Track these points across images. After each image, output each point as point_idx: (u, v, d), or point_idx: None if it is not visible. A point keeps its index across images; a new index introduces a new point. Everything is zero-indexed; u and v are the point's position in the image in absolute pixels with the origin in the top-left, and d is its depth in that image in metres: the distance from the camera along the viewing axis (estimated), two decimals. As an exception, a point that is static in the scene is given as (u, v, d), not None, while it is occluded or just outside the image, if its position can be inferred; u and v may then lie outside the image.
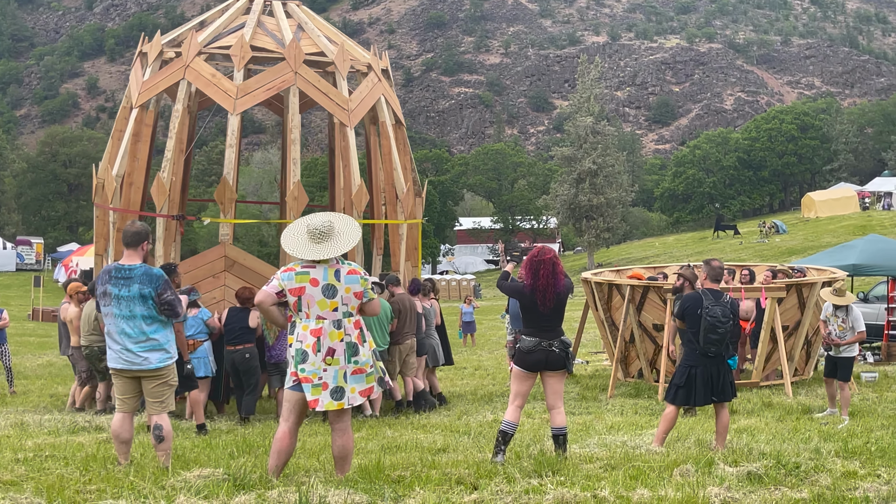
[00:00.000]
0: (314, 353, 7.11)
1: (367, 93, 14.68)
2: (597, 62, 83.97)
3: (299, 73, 13.81)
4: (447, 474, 7.60)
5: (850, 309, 12.63)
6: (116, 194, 14.07)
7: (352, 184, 14.13)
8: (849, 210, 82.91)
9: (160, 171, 13.64)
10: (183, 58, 13.90)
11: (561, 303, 8.56)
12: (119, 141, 14.69)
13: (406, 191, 14.97)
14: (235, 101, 13.60)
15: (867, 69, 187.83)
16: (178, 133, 13.91)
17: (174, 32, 15.07)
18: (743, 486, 7.21)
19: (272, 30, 14.58)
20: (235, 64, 13.87)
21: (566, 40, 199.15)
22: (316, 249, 7.22)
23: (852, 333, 12.52)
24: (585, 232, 79.23)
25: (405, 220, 15.02)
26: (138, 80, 14.43)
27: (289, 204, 13.47)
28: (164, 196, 13.49)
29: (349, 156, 14.23)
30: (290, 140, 14.00)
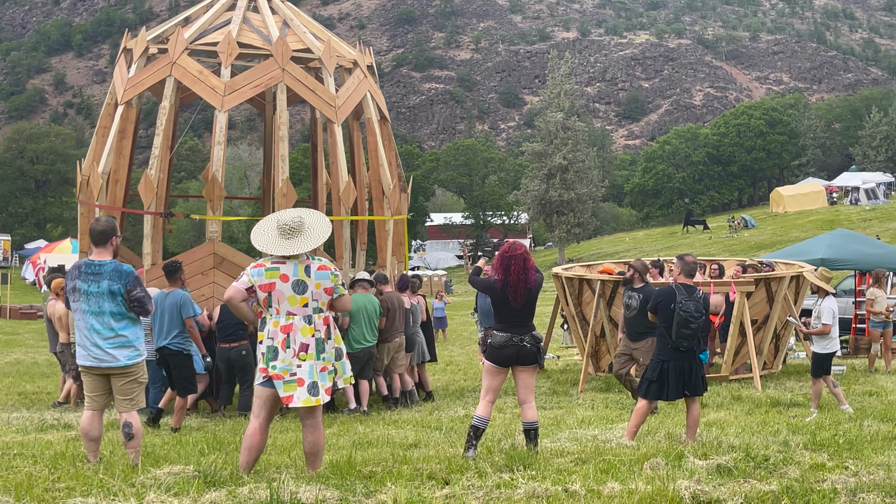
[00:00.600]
0: (284, 350, 7.09)
1: (354, 89, 14.69)
2: (567, 58, 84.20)
3: (287, 69, 13.79)
4: (419, 469, 7.60)
5: (825, 298, 12.53)
6: (102, 191, 14.01)
7: (339, 180, 14.13)
8: (817, 205, 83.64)
9: (147, 168, 13.58)
10: (169, 54, 13.83)
11: (532, 298, 8.58)
12: (104, 137, 14.63)
13: (392, 187, 14.99)
14: (223, 98, 13.56)
15: (835, 65, 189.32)
16: (165, 130, 13.84)
17: (159, 28, 14.96)
18: (713, 478, 7.25)
19: (258, 26, 14.56)
20: (223, 61, 13.82)
21: (536, 36, 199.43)
22: (286, 245, 7.20)
23: (819, 323, 12.43)
24: (556, 227, 79.46)
25: (391, 217, 15.03)
26: (123, 76, 14.35)
27: (277, 201, 13.44)
28: (153, 193, 13.44)
29: (336, 152, 14.22)
30: (277, 137, 13.97)
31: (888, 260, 21.92)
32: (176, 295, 11.66)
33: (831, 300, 12.52)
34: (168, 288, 11.82)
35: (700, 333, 9.28)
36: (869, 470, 7.61)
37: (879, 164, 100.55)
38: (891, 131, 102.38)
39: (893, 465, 7.77)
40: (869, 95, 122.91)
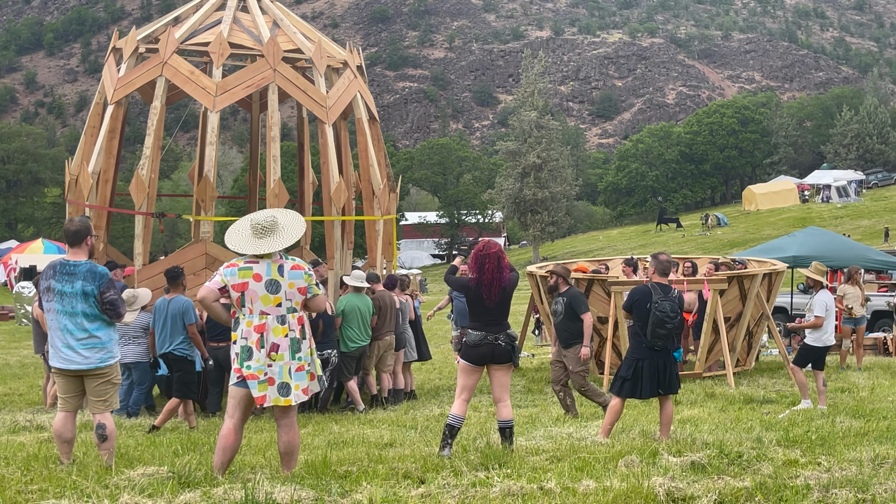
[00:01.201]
0: (258, 350, 7.07)
1: (344, 89, 14.70)
2: (540, 57, 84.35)
3: (278, 70, 13.79)
4: (394, 469, 7.60)
5: (819, 291, 12.48)
6: (93, 191, 13.95)
7: (330, 180, 14.14)
8: (789, 203, 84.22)
9: (138, 168, 13.54)
10: (160, 54, 13.78)
11: (506, 297, 8.58)
12: (93, 137, 14.58)
13: (382, 187, 15.02)
14: (215, 99, 13.55)
15: (806, 64, 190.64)
16: (156, 130, 13.79)
17: (149, 28, 14.89)
18: (687, 475, 7.28)
19: (248, 26, 14.54)
20: (214, 61, 13.80)
21: (510, 35, 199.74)
22: (258, 244, 7.17)
23: (812, 316, 12.35)
24: (530, 226, 79.62)
25: (382, 217, 15.04)
26: (113, 76, 14.30)
27: (269, 201, 13.48)
28: (144, 193, 13.42)
29: (327, 152, 14.25)
30: (269, 137, 13.94)
31: (860, 257, 22.12)
32: (179, 301, 11.73)
33: (825, 293, 12.48)
34: (170, 294, 11.90)
35: (675, 332, 9.32)
36: (841, 466, 7.67)
37: (850, 162, 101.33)
38: (861, 129, 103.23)
39: (865, 461, 7.84)
40: (840, 94, 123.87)
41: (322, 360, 13.01)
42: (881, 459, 7.90)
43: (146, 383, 13.00)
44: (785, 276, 18.84)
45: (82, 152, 14.51)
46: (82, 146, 14.61)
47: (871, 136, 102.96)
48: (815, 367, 12.44)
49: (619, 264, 17.88)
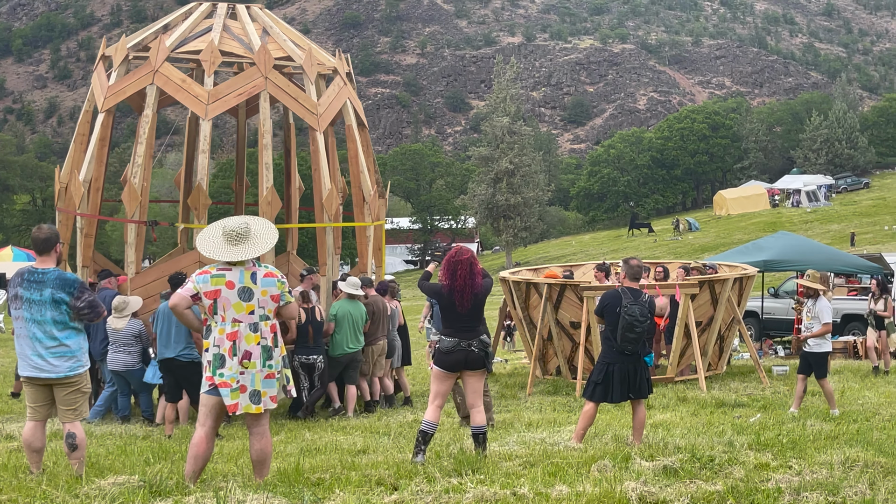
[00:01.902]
0: (231, 358, 7.04)
1: (334, 96, 14.74)
2: (512, 63, 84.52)
3: (269, 77, 13.81)
4: (367, 476, 7.58)
5: (818, 299, 12.37)
6: (84, 199, 13.94)
7: (322, 187, 14.18)
8: (759, 207, 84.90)
9: (131, 176, 13.52)
10: (151, 62, 13.77)
11: (479, 303, 8.59)
12: (82, 145, 14.56)
13: (373, 193, 15.07)
14: (207, 107, 13.54)
15: (775, 69, 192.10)
16: (148, 138, 13.77)
17: (138, 36, 14.87)
18: (659, 479, 7.31)
19: (238, 34, 14.56)
20: (206, 69, 13.80)
21: (482, 41, 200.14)
22: (231, 251, 7.15)
23: (818, 324, 12.21)
24: (503, 231, 79.71)
25: (372, 223, 15.10)
26: (103, 84, 14.26)
27: (262, 208, 13.50)
28: (137, 201, 13.40)
29: (318, 159, 14.27)
30: (261, 145, 13.96)
31: (831, 261, 22.29)
32: None
33: (825, 300, 12.43)
34: None
35: (645, 337, 9.35)
36: (812, 469, 7.73)
37: (820, 166, 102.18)
38: (830, 134, 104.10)
39: (836, 464, 7.90)
40: (809, 99, 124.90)
41: (309, 365, 13.16)
42: (851, 462, 7.97)
43: (145, 391, 13.04)
44: (756, 281, 18.98)
45: (72, 160, 14.49)
46: (72, 154, 14.59)
47: (840, 140, 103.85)
48: (818, 376, 12.33)
49: (592, 269, 17.95)
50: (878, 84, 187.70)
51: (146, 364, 12.77)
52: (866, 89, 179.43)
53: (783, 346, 23.34)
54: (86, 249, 14.03)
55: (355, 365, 13.66)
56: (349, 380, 13.65)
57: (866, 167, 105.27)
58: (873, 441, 9.32)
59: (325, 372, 13.31)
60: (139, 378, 12.84)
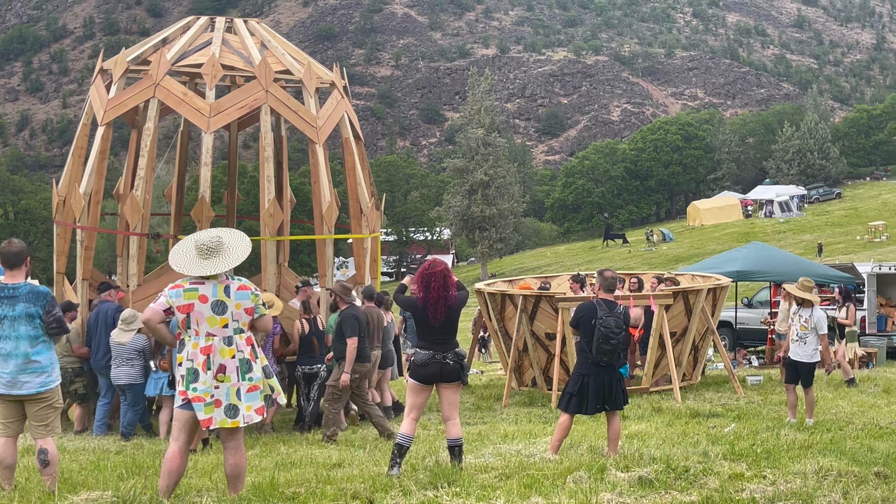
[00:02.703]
0: (204, 372, 6.99)
1: (333, 110, 14.84)
2: (487, 74, 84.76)
3: (270, 91, 13.89)
4: (342, 489, 7.56)
5: (814, 308, 12.20)
6: (84, 212, 13.95)
7: (322, 199, 14.25)
8: (732, 218, 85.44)
9: (133, 189, 13.56)
10: (152, 76, 13.81)
11: (453, 315, 8.58)
12: (80, 158, 14.60)
13: (370, 205, 15.16)
14: (209, 120, 13.57)
15: (748, 80, 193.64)
16: (150, 151, 13.79)
17: (137, 49, 14.91)
18: (634, 490, 7.33)
19: (237, 48, 14.64)
20: (207, 83, 13.86)
21: (456, 53, 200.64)
22: (203, 265, 7.11)
23: (814, 334, 12.07)
24: (478, 243, 79.84)
25: (370, 234, 15.20)
26: (102, 97, 14.28)
27: (264, 220, 13.62)
28: (139, 214, 13.45)
29: (318, 172, 14.37)
30: (262, 158, 14.04)
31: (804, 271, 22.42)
32: None
33: (819, 309, 12.28)
34: None
35: (620, 348, 9.37)
36: (786, 478, 7.76)
37: (792, 177, 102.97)
38: (802, 145, 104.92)
39: (810, 474, 7.94)
40: (781, 110, 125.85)
41: (311, 374, 13.25)
42: (825, 472, 8.01)
43: (140, 405, 13.00)
44: (729, 291, 19.07)
45: (70, 173, 14.54)
46: (70, 167, 14.62)
47: (812, 151, 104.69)
48: (805, 384, 12.27)
49: (567, 280, 17.99)
50: (849, 95, 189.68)
51: (146, 378, 12.76)
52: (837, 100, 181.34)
53: (757, 356, 23.47)
54: (86, 262, 14.06)
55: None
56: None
57: (838, 178, 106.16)
58: (847, 450, 9.38)
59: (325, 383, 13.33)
60: (140, 393, 12.85)
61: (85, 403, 13.77)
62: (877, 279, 23.37)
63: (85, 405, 13.79)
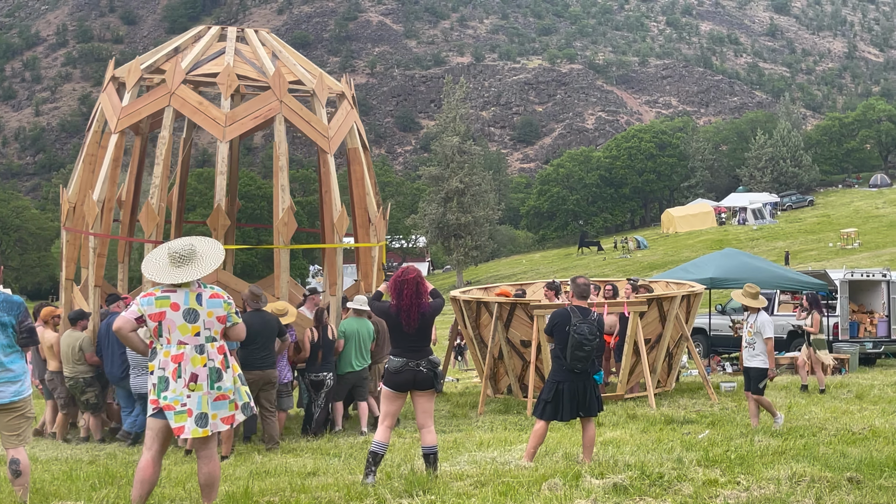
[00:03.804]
0: (175, 380, 6.95)
1: (343, 120, 15.01)
2: (462, 82, 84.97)
3: (284, 101, 14.04)
4: (317, 498, 7.53)
5: (759, 312, 12.35)
6: (98, 219, 13.98)
7: (333, 209, 14.44)
8: (706, 225, 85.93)
9: (149, 196, 13.63)
10: (168, 85, 13.91)
11: (426, 323, 8.57)
12: (91, 165, 14.66)
13: (378, 214, 15.34)
14: (224, 129, 13.71)
15: (721, 89, 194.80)
16: (164, 159, 13.88)
17: (150, 58, 14.95)
18: (609, 497, 7.34)
19: (250, 58, 14.76)
20: (223, 92, 14.00)
21: (431, 61, 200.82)
22: (175, 273, 7.07)
23: (760, 339, 12.20)
24: (454, 250, 79.90)
25: (378, 243, 15.38)
26: (115, 105, 14.34)
27: (278, 229, 13.75)
28: (155, 222, 13.48)
29: (329, 181, 14.60)
30: (276, 167, 14.18)
31: (777, 278, 22.57)
32: None
33: (765, 314, 12.38)
34: None
35: (594, 355, 9.39)
36: (760, 484, 7.80)
37: (765, 184, 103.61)
38: (775, 153, 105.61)
39: (783, 479, 7.98)
40: (754, 118, 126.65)
41: (318, 382, 13.35)
42: (798, 477, 8.05)
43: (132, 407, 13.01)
44: (703, 298, 19.16)
45: (80, 180, 14.61)
46: (80, 174, 14.69)
47: (784, 159, 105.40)
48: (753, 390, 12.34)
49: (542, 288, 18.02)
50: (821, 103, 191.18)
51: None
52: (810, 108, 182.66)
53: (731, 362, 23.57)
54: (98, 269, 14.03)
55: (363, 382, 13.89)
56: (359, 396, 13.93)
57: (810, 185, 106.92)
58: (820, 456, 9.43)
59: (333, 390, 13.49)
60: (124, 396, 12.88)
61: (97, 413, 13.73)
62: (849, 286, 23.55)
63: (97, 415, 13.74)
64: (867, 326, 23.66)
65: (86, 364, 13.30)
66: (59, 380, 13.54)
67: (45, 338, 13.59)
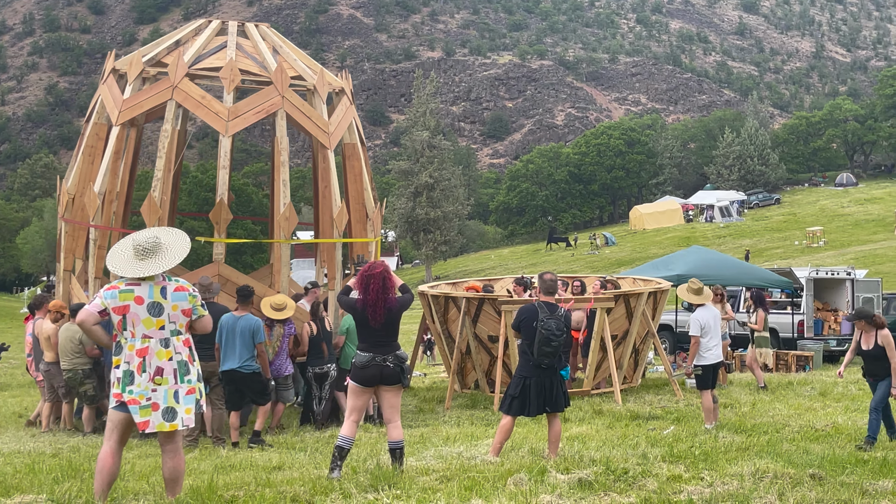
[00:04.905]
0: (140, 374, 6.89)
1: (342, 116, 15.10)
2: (432, 77, 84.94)
3: (286, 96, 14.11)
4: (282, 492, 7.51)
5: (696, 311, 12.31)
6: (98, 211, 13.95)
7: (333, 204, 14.50)
8: (674, 222, 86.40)
9: (151, 189, 13.64)
10: (170, 78, 13.90)
11: (393, 318, 8.56)
12: (90, 157, 14.65)
13: (376, 209, 15.42)
14: (227, 123, 13.75)
15: (690, 87, 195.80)
16: (167, 153, 13.83)
17: (151, 51, 14.87)
18: (574, 493, 7.36)
19: (250, 52, 14.79)
20: (226, 87, 14.07)
21: (402, 55, 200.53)
22: (139, 266, 7.01)
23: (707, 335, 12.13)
24: (423, 245, 79.91)
25: (377, 238, 15.51)
26: (116, 97, 14.28)
27: (279, 224, 13.83)
28: (157, 215, 13.50)
29: (329, 177, 14.66)
30: (279, 162, 14.21)
31: (743, 275, 22.71)
32: (249, 320, 11.99)
33: (700, 311, 12.28)
34: (239, 311, 12.08)
35: (561, 350, 9.41)
36: (723, 480, 7.85)
37: (732, 182, 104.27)
38: (743, 151, 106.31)
39: (746, 475, 8.04)
40: (722, 116, 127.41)
41: (322, 374, 13.42)
42: (761, 473, 8.12)
43: None
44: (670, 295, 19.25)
45: (80, 172, 14.54)
46: (80, 166, 14.62)
47: (752, 157, 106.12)
48: (697, 386, 12.38)
49: (511, 283, 18.05)
50: (788, 102, 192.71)
51: None
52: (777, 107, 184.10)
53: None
54: (99, 261, 13.98)
55: None
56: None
57: (777, 183, 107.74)
58: (783, 452, 9.51)
59: (336, 382, 13.51)
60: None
61: (93, 405, 13.65)
62: (814, 284, 23.75)
63: (91, 407, 13.67)
64: (831, 324, 23.88)
65: (84, 356, 13.28)
66: (56, 370, 13.55)
67: (43, 329, 13.64)
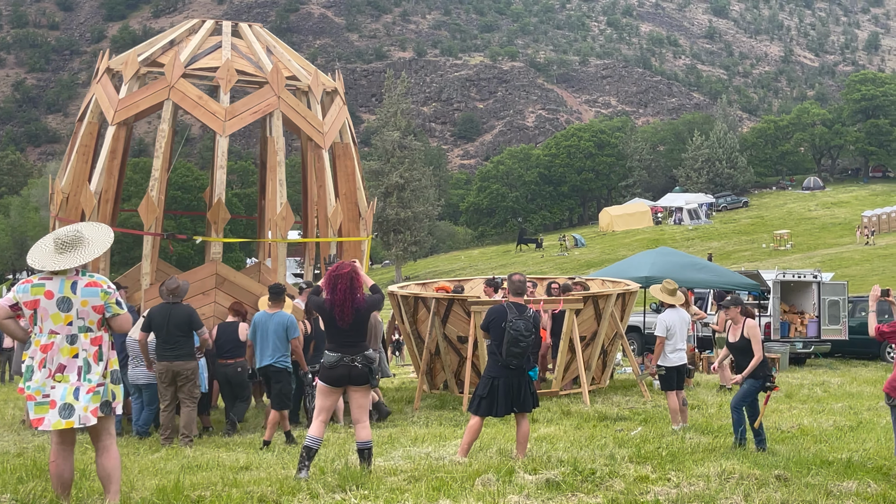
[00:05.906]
0: (39, 370, 6.75)
1: (336, 116, 15.20)
2: (403, 77, 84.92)
3: (281, 97, 14.18)
4: (249, 493, 7.48)
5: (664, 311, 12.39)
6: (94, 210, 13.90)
7: (327, 203, 14.57)
8: (643, 224, 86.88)
9: (149, 188, 13.65)
10: (167, 78, 13.91)
11: (361, 318, 8.54)
12: (84, 156, 14.60)
13: (369, 208, 15.49)
14: (224, 123, 13.77)
15: (660, 89, 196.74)
16: (164, 152, 13.85)
17: (146, 51, 14.78)
18: (542, 493, 7.38)
19: (245, 52, 14.78)
20: (222, 87, 14.07)
21: (373, 55, 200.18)
22: (56, 259, 6.85)
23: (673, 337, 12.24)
24: (393, 245, 79.85)
25: (369, 237, 15.56)
26: (111, 96, 14.24)
27: (276, 223, 13.89)
28: (154, 214, 13.49)
29: (324, 176, 14.73)
30: (274, 162, 14.22)
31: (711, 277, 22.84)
32: (282, 316, 12.10)
33: (667, 312, 12.38)
34: (272, 309, 12.17)
35: (530, 351, 9.43)
36: (690, 481, 7.90)
37: (701, 185, 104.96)
38: (711, 154, 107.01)
39: (713, 476, 8.09)
40: (691, 119, 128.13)
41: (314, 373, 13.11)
42: (728, 474, 8.18)
43: (156, 404, 12.87)
44: (638, 296, 19.34)
45: (74, 171, 14.45)
46: (74, 164, 14.52)
47: (720, 160, 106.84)
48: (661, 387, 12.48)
49: (481, 284, 18.08)
50: (757, 106, 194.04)
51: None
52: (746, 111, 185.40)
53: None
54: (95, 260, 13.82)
55: None
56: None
57: (745, 186, 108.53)
58: (749, 454, 9.58)
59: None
60: (153, 392, 12.78)
61: None
62: (781, 286, 23.94)
63: None
64: (798, 327, 24.09)
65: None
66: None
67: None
